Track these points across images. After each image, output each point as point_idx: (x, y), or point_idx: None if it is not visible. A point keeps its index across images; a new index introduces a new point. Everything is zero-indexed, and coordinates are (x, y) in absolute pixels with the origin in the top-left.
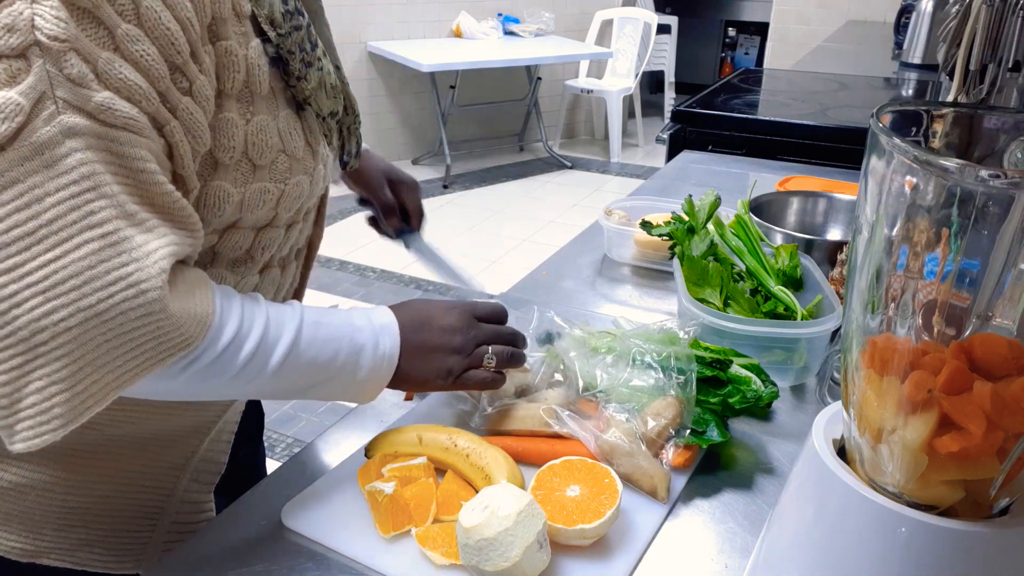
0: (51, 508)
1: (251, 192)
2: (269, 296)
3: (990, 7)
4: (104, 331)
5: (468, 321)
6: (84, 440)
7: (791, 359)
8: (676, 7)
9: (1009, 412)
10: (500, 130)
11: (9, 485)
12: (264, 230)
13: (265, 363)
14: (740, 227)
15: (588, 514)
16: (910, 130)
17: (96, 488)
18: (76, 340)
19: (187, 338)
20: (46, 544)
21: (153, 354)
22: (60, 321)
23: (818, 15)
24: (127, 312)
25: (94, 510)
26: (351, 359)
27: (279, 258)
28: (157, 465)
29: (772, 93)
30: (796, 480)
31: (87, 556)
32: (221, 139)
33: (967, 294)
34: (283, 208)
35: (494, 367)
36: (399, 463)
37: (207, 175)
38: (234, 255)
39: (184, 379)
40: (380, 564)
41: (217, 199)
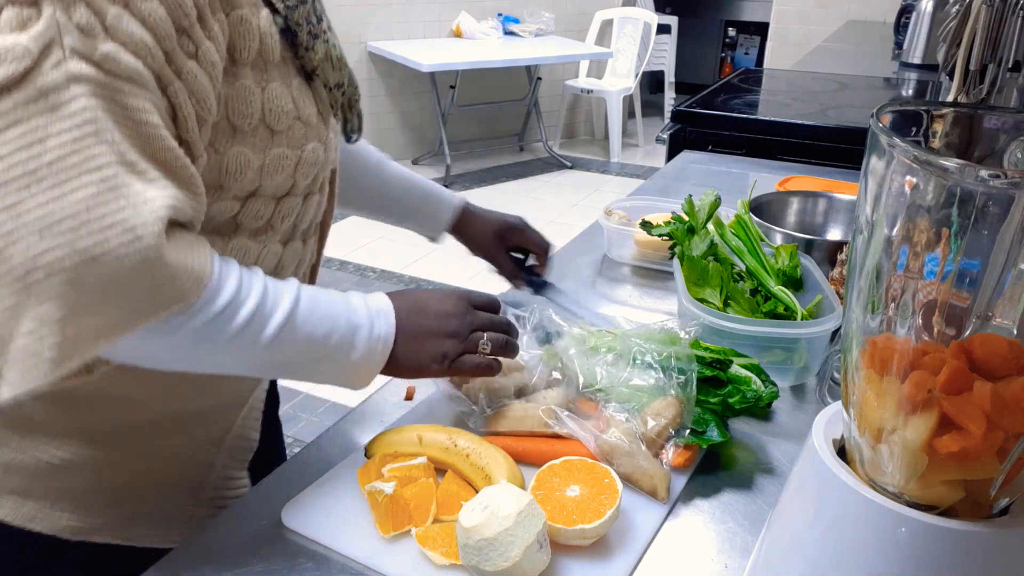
0: (101, 485)
1: (270, 158)
2: (290, 270)
3: (990, 7)
4: (98, 275)
5: (464, 307)
6: (133, 419)
7: (791, 359)
8: (676, 7)
9: (1009, 412)
10: (500, 130)
11: (61, 463)
12: (283, 200)
13: (260, 332)
14: (740, 227)
15: (588, 514)
16: (910, 130)
17: (143, 464)
18: (70, 282)
19: (182, 292)
20: (97, 521)
21: (147, 305)
22: (55, 261)
23: (818, 15)
24: (122, 258)
25: (141, 486)
26: (346, 339)
27: (300, 231)
28: (197, 441)
29: (772, 93)
30: (796, 480)
31: (135, 531)
32: (239, 106)
33: (967, 294)
34: (300, 175)
35: (488, 353)
36: (399, 463)
37: (227, 142)
38: (255, 225)
39: (177, 339)
40: (380, 564)
41: (239, 165)
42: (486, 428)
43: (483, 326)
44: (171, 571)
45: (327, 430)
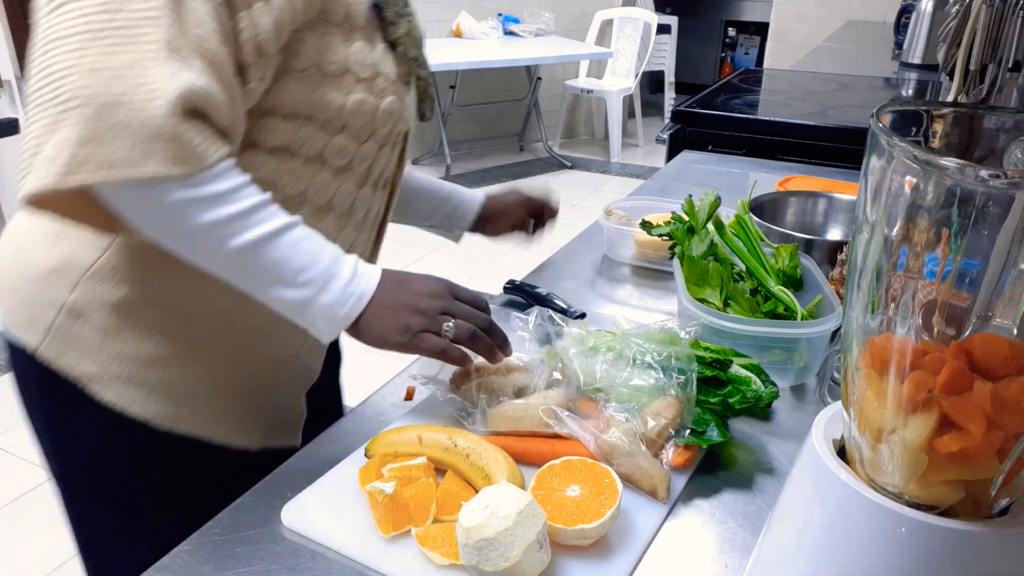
0: (188, 381)
1: (352, 102)
2: (360, 214)
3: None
4: (116, 117)
5: (443, 292)
6: (217, 329)
7: (791, 359)
8: (676, 7)
9: (1009, 412)
10: (500, 130)
11: (158, 357)
12: (364, 144)
13: (233, 236)
14: (740, 227)
15: (588, 514)
16: (910, 130)
17: (222, 370)
18: (95, 116)
19: (175, 159)
20: (183, 413)
21: (143, 156)
22: (91, 96)
23: (818, 15)
24: (138, 109)
25: (219, 388)
26: (321, 279)
27: (372, 178)
28: (266, 358)
29: (772, 93)
30: (796, 480)
31: (211, 428)
32: (327, 54)
33: (967, 294)
34: (379, 122)
35: (451, 339)
36: (399, 463)
37: (317, 82)
38: (338, 162)
39: (160, 208)
40: (380, 564)
41: (325, 101)
42: (487, 427)
43: (455, 313)
44: (171, 571)
45: (327, 430)
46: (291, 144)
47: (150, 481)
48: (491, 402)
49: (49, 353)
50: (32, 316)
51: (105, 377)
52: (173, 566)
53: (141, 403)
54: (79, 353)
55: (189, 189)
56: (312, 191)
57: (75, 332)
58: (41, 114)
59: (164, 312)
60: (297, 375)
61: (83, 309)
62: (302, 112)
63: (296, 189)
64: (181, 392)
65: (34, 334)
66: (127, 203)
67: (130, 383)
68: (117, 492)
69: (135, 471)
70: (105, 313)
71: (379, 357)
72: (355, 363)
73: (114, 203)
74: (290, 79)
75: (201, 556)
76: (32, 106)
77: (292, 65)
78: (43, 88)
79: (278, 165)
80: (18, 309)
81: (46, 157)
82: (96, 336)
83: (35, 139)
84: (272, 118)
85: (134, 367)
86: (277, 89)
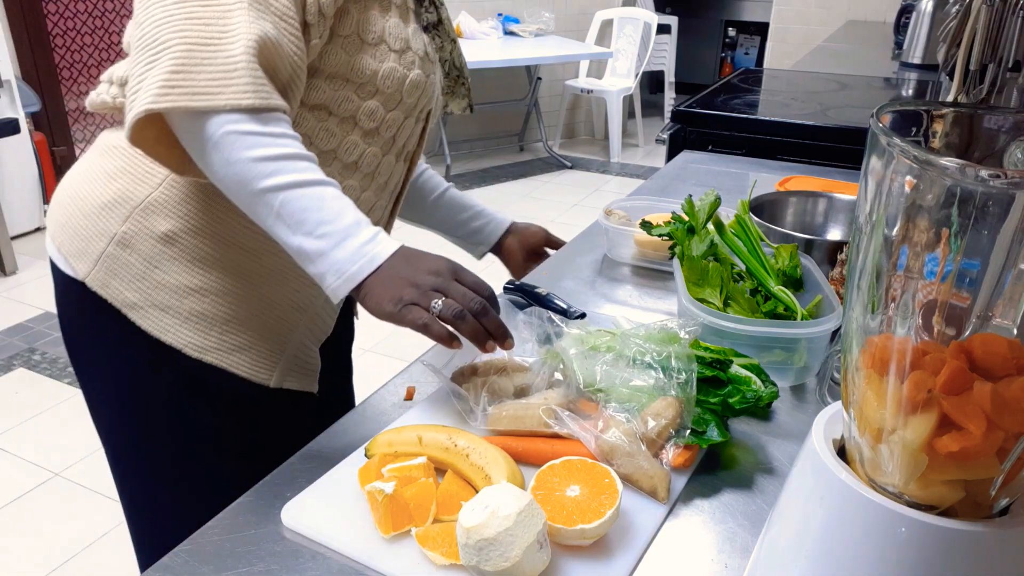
0: (219, 312)
1: (385, 69)
2: (383, 180)
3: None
4: (203, 56)
5: (444, 271)
6: (249, 264)
7: (791, 359)
8: (676, 7)
9: (1009, 412)
10: (500, 130)
11: (195, 287)
12: (391, 112)
13: (264, 175)
14: (740, 227)
15: (588, 514)
16: (910, 130)
17: (249, 305)
18: (186, 53)
19: (245, 93)
20: (211, 343)
21: (221, 88)
22: (185, 38)
23: (818, 15)
24: (220, 49)
25: (246, 320)
26: (339, 235)
27: (396, 147)
28: (288, 301)
29: (772, 93)
30: (796, 480)
31: (236, 359)
32: (366, 25)
33: (967, 294)
34: (406, 92)
35: (437, 314)
36: (399, 463)
37: (356, 48)
38: (368, 125)
39: (210, 137)
40: (380, 564)
41: (362, 65)
42: (487, 427)
43: (448, 292)
44: (171, 571)
45: (327, 430)
46: (330, 103)
47: (182, 413)
48: (492, 402)
49: (96, 281)
50: (84, 246)
51: (145, 305)
52: (173, 566)
53: (175, 331)
54: (124, 282)
55: (247, 123)
56: (343, 150)
57: (122, 261)
58: (143, 55)
59: (203, 245)
60: (312, 324)
61: (132, 239)
62: (342, 74)
63: (329, 146)
64: (211, 323)
65: (84, 263)
66: (195, 131)
67: (167, 311)
68: (154, 424)
69: (170, 403)
70: (151, 243)
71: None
72: (355, 363)
73: (185, 132)
74: (334, 43)
75: (201, 556)
76: (135, 51)
77: (337, 31)
78: (145, 35)
79: (316, 123)
80: (72, 240)
81: (145, 87)
82: (141, 265)
83: (137, 77)
84: (317, 78)
85: (172, 296)
86: (324, 52)
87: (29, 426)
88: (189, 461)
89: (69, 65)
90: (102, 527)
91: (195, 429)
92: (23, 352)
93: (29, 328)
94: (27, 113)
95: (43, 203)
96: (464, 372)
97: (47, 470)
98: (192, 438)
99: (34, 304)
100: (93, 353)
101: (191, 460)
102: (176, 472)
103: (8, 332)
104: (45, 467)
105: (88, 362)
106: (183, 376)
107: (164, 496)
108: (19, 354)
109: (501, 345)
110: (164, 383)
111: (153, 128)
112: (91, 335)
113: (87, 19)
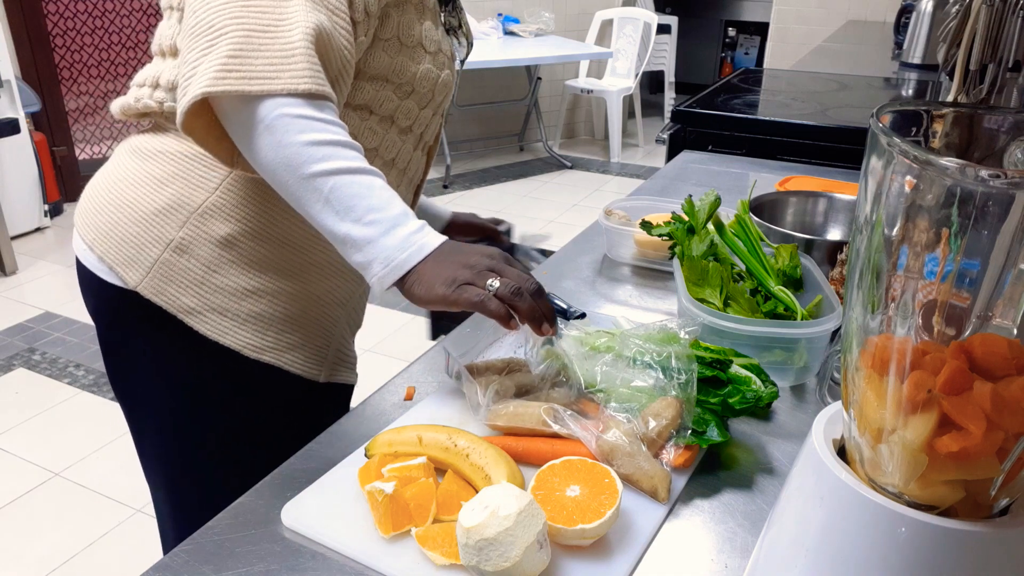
0: (276, 312)
1: (422, 71)
2: (411, 174)
3: (990, 7)
4: (260, 41)
5: (496, 255)
6: (298, 261)
7: (791, 359)
8: (676, 7)
9: (1009, 412)
10: (500, 130)
11: (252, 289)
12: (423, 110)
13: (314, 159)
14: (740, 227)
15: (588, 514)
16: (910, 130)
17: (301, 301)
18: (243, 38)
19: (301, 78)
20: (268, 343)
21: (277, 72)
22: (243, 23)
23: (818, 15)
24: (278, 36)
25: (298, 319)
26: (388, 223)
27: (423, 143)
28: (333, 296)
29: (772, 93)
30: (796, 480)
31: (291, 357)
32: (406, 28)
33: (967, 294)
34: (437, 91)
35: (494, 293)
36: (399, 463)
37: (396, 51)
38: (404, 123)
39: (262, 121)
40: (380, 564)
41: (401, 66)
42: (487, 422)
43: (503, 273)
44: (171, 571)
45: (327, 430)
46: (372, 103)
47: (236, 415)
48: (492, 401)
49: (150, 288)
50: (135, 254)
51: (204, 309)
52: (173, 566)
53: (234, 334)
54: (180, 287)
55: (301, 107)
56: (384, 147)
57: (179, 267)
58: (198, 41)
59: (259, 247)
60: (350, 318)
61: (190, 245)
62: (383, 75)
63: (372, 144)
64: (268, 323)
65: (136, 271)
66: (247, 115)
67: (225, 315)
68: (202, 428)
69: (224, 405)
70: (210, 248)
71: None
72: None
73: (235, 117)
74: (376, 46)
75: (201, 556)
76: (188, 38)
77: (379, 34)
78: (200, 22)
79: (360, 122)
80: (120, 248)
81: (201, 72)
82: (199, 270)
83: (192, 63)
84: (360, 79)
85: (231, 299)
86: (367, 54)
87: (29, 426)
88: (241, 465)
89: (69, 65)
90: (102, 527)
91: (249, 430)
92: (23, 352)
93: (29, 328)
94: (27, 113)
95: (43, 203)
96: (472, 367)
97: (47, 470)
98: (246, 440)
99: (34, 304)
100: (139, 361)
101: (243, 463)
102: (227, 475)
103: (8, 332)
104: (45, 467)
105: (132, 371)
106: (235, 379)
107: (212, 496)
108: (19, 354)
109: (550, 331)
110: (214, 387)
111: (202, 118)
112: (137, 344)
113: (87, 19)
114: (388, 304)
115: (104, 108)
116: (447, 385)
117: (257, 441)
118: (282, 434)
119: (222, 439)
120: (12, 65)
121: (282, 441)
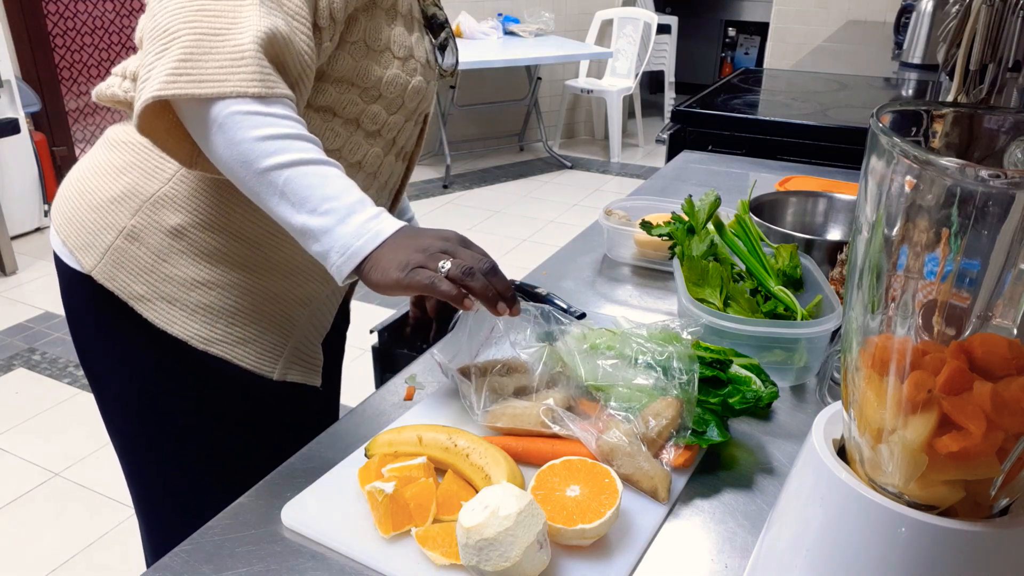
0: (226, 305)
1: (388, 76)
2: (384, 179)
3: (990, 7)
4: (210, 45)
5: (450, 237)
6: (253, 257)
7: (791, 359)
8: (676, 7)
9: (1009, 412)
10: (500, 130)
11: (202, 280)
12: (393, 116)
13: (267, 154)
14: (740, 227)
15: (588, 514)
16: (910, 130)
17: (255, 296)
18: (195, 43)
19: (252, 81)
20: (217, 335)
21: (227, 75)
22: (194, 28)
23: (818, 15)
24: (228, 39)
25: (250, 313)
26: (343, 211)
27: (396, 148)
28: (290, 295)
29: (772, 93)
30: (796, 480)
31: (241, 352)
32: (373, 32)
33: (967, 294)
34: (408, 97)
35: (445, 274)
36: (399, 463)
37: (363, 55)
38: (371, 127)
39: (224, 115)
40: (380, 564)
41: (367, 71)
42: (487, 427)
43: (456, 254)
44: (171, 571)
45: (327, 430)
46: (335, 105)
47: (189, 405)
48: (492, 400)
49: (103, 274)
50: (91, 239)
51: (152, 297)
52: (173, 566)
53: (182, 324)
54: (131, 274)
55: (251, 104)
56: (347, 149)
57: (130, 254)
58: (153, 44)
59: (210, 239)
60: (314, 319)
61: (140, 233)
62: (348, 78)
63: (334, 145)
64: (217, 315)
65: (91, 256)
66: (201, 116)
67: (174, 304)
68: (161, 416)
69: (176, 394)
70: (160, 237)
71: None
72: (355, 363)
73: (191, 119)
74: (342, 49)
75: (201, 556)
76: (147, 41)
77: (345, 37)
78: (157, 25)
79: (322, 123)
80: (78, 233)
81: (154, 76)
82: (149, 258)
83: (147, 66)
84: (324, 81)
85: (179, 289)
86: (332, 57)
87: (29, 426)
88: (196, 454)
89: (69, 65)
90: (102, 527)
91: (202, 421)
92: (23, 352)
93: (29, 328)
94: (27, 113)
95: (43, 203)
96: (466, 370)
97: (47, 470)
98: (199, 431)
99: (34, 304)
100: (100, 346)
101: (198, 453)
102: (183, 465)
103: (8, 332)
104: (45, 467)
105: (94, 355)
106: (189, 368)
107: (172, 488)
108: (19, 354)
109: (510, 308)
110: (170, 375)
111: (163, 119)
112: (97, 328)
113: (87, 19)
114: (388, 304)
115: (103, 108)
116: (447, 385)
117: (214, 433)
118: (238, 430)
119: (176, 428)
120: (12, 65)
121: (238, 437)
